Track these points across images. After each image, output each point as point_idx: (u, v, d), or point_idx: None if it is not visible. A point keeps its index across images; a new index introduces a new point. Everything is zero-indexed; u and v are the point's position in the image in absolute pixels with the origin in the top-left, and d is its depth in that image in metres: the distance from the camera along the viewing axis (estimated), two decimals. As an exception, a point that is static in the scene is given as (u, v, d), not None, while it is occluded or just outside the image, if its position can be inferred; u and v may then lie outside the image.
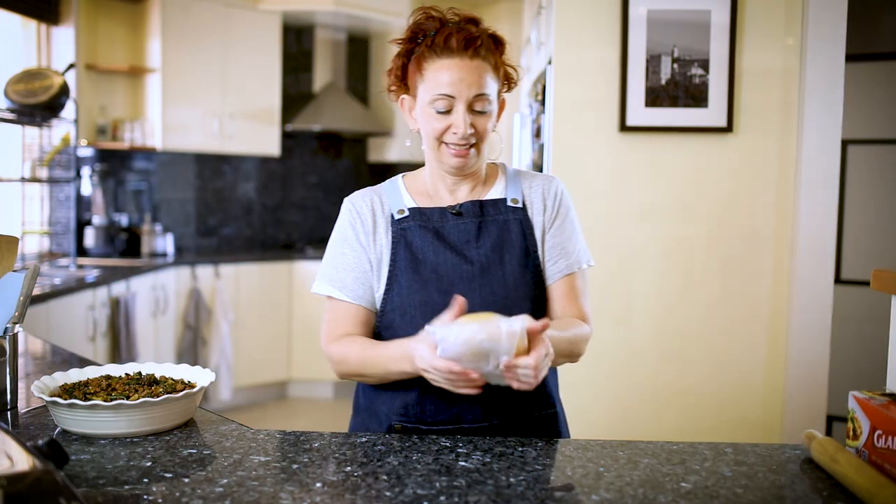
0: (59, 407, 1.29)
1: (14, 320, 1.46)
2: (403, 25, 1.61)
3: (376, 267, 1.49)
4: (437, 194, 1.53)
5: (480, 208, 1.50)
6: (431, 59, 1.42)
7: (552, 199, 1.53)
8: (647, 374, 2.82)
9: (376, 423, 1.50)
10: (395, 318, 1.46)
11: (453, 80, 1.40)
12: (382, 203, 1.52)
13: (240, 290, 5.16)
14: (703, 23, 2.69)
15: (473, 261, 1.45)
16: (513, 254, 1.47)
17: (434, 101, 1.41)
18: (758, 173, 2.78)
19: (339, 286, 1.51)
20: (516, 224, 1.49)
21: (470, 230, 1.48)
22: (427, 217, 1.49)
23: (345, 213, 1.54)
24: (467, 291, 1.41)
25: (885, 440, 1.12)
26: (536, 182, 1.55)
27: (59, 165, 4.58)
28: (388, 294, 1.47)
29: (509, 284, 1.44)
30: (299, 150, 6.05)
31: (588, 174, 2.79)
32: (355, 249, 1.50)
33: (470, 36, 1.40)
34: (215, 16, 5.20)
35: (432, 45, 1.42)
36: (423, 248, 1.46)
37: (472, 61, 1.40)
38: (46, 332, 3.34)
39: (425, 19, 1.46)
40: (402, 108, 1.52)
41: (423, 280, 1.44)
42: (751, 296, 2.80)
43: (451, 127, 1.42)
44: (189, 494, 1.06)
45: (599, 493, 1.09)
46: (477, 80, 1.40)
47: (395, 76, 1.51)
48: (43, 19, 4.51)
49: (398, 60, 1.49)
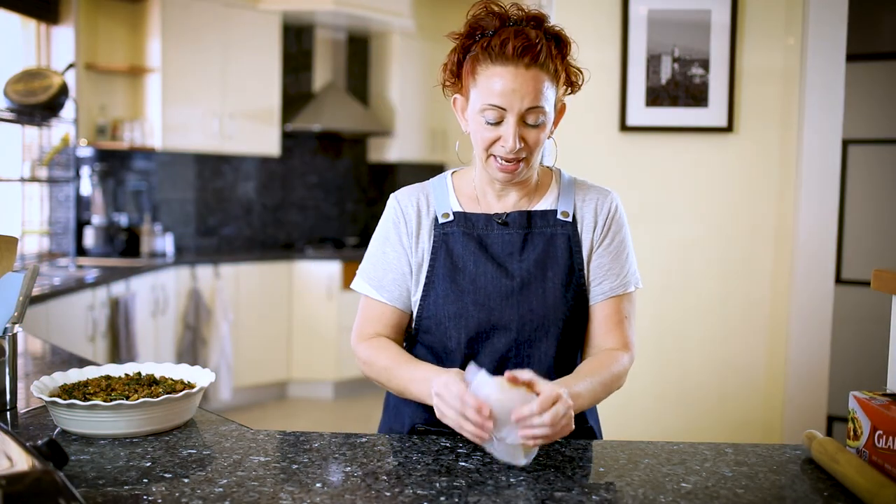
0: (59, 407, 1.29)
1: (14, 320, 1.46)
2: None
3: (416, 270, 1.44)
4: (484, 198, 1.46)
5: (528, 219, 1.43)
6: (485, 63, 1.32)
7: (604, 216, 1.46)
8: (647, 374, 2.82)
9: (399, 423, 1.48)
10: (431, 326, 1.42)
11: (506, 90, 1.30)
12: (429, 203, 1.46)
13: (240, 290, 5.16)
14: (704, 22, 2.69)
15: (514, 275, 1.39)
16: (556, 271, 1.40)
17: (484, 110, 1.33)
18: (758, 173, 2.78)
19: (377, 285, 1.46)
20: (563, 239, 1.42)
21: (515, 242, 1.41)
22: (472, 223, 1.43)
23: (389, 211, 1.48)
24: (504, 307, 1.38)
25: (886, 440, 1.11)
26: (591, 195, 1.47)
27: (58, 165, 4.58)
28: (424, 301, 1.42)
29: (548, 303, 1.39)
30: (299, 150, 6.05)
31: (588, 174, 2.77)
32: (397, 250, 1.45)
33: (528, 43, 1.29)
34: (215, 16, 5.19)
35: (488, 48, 1.31)
36: (463, 257, 1.41)
37: (529, 70, 1.30)
38: (46, 332, 3.34)
39: (485, 14, 1.34)
40: (455, 107, 1.43)
41: (460, 290, 1.39)
42: (751, 296, 2.80)
43: (499, 140, 1.34)
44: (189, 495, 1.06)
45: (599, 494, 1.09)
46: (531, 91, 1.30)
47: (451, 72, 1.41)
48: (42, 19, 4.51)
49: (454, 56, 1.39)
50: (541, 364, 1.39)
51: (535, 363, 1.39)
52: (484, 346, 1.39)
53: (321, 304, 5.38)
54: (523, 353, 1.39)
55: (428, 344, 1.44)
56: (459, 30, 1.38)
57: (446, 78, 1.42)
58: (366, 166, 6.39)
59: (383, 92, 6.16)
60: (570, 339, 1.42)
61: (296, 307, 5.41)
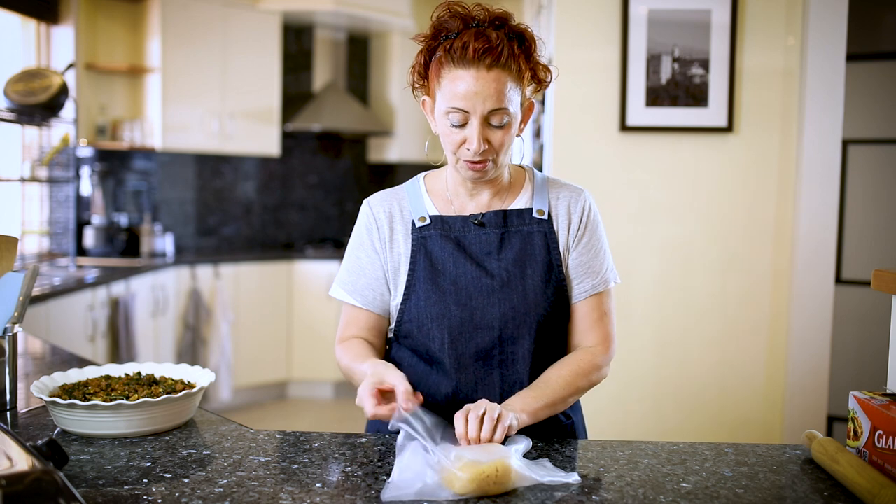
0: (59, 407, 1.29)
1: (13, 320, 1.46)
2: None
3: (392, 275, 1.45)
4: (457, 199, 1.47)
5: (504, 219, 1.44)
6: (448, 65, 1.32)
7: (578, 214, 1.47)
8: (647, 373, 2.82)
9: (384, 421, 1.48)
10: (413, 329, 1.43)
11: (468, 93, 1.30)
12: (402, 208, 1.48)
13: (240, 291, 5.16)
14: (704, 22, 2.69)
15: (494, 274, 1.41)
16: (535, 268, 1.42)
17: (448, 112, 1.34)
18: (758, 173, 2.78)
19: (351, 290, 1.48)
20: (540, 237, 1.44)
21: (492, 241, 1.43)
22: (449, 226, 1.44)
23: (362, 217, 1.50)
24: (486, 305, 1.39)
25: (886, 440, 1.11)
26: (564, 193, 1.48)
27: (58, 165, 4.58)
28: (405, 304, 1.43)
29: (529, 300, 1.40)
30: (299, 149, 6.05)
31: (588, 174, 2.79)
32: (370, 255, 1.47)
33: (489, 45, 1.29)
34: (215, 16, 5.19)
35: (450, 50, 1.32)
36: (443, 259, 1.42)
37: (490, 72, 1.30)
38: (46, 332, 3.34)
39: (448, 17, 1.35)
40: (424, 109, 1.44)
41: (442, 291, 1.40)
42: (751, 295, 2.80)
43: (465, 141, 1.35)
44: (189, 495, 1.06)
45: (599, 494, 1.09)
46: (494, 93, 1.31)
47: (418, 73, 1.42)
48: (42, 19, 4.51)
49: (420, 58, 1.40)
50: (523, 360, 1.41)
51: (518, 360, 1.41)
52: (467, 346, 1.40)
53: (321, 304, 5.38)
54: (507, 351, 1.40)
55: (411, 347, 1.45)
56: (425, 31, 1.39)
57: (415, 80, 1.43)
58: (366, 166, 6.39)
59: (383, 92, 6.16)
60: (551, 334, 1.44)
61: (296, 307, 5.41)
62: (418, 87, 1.44)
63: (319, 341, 5.38)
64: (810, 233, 2.72)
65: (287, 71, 5.81)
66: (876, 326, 2.84)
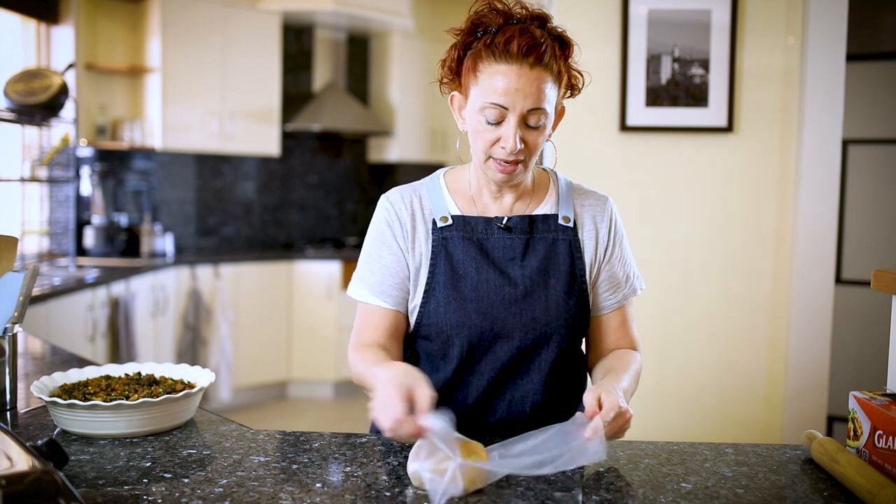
0: (59, 407, 1.29)
1: (13, 320, 1.46)
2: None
3: (414, 275, 1.40)
4: (480, 199, 1.42)
5: (530, 224, 1.40)
6: (488, 60, 1.28)
7: (606, 226, 1.43)
8: (647, 373, 2.81)
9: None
10: (431, 333, 1.38)
11: (509, 89, 1.26)
12: (423, 206, 1.42)
13: (240, 291, 5.16)
14: (704, 22, 2.69)
15: (517, 282, 1.36)
16: (558, 278, 1.38)
17: (485, 108, 1.28)
18: (758, 173, 2.78)
19: (378, 291, 1.40)
20: (565, 245, 1.40)
21: (516, 247, 1.38)
22: (472, 227, 1.39)
23: (381, 213, 1.43)
24: (508, 315, 1.35)
25: (886, 440, 1.11)
26: (589, 201, 1.45)
27: (58, 165, 4.58)
28: (424, 308, 1.38)
29: (551, 311, 1.36)
30: (299, 149, 6.05)
31: (588, 174, 2.78)
32: (395, 252, 1.40)
33: (534, 41, 1.26)
34: (215, 16, 5.19)
35: (491, 45, 1.27)
36: (464, 263, 1.37)
37: (533, 70, 1.26)
38: (46, 332, 3.34)
39: (488, 11, 1.30)
40: (452, 105, 1.39)
41: (463, 298, 1.35)
42: (751, 295, 2.80)
43: (499, 140, 1.29)
44: (189, 495, 1.06)
45: (599, 494, 1.09)
46: (535, 91, 1.26)
47: (449, 69, 1.36)
48: (42, 19, 4.51)
49: (453, 52, 1.34)
50: (539, 371, 1.38)
51: (533, 370, 1.38)
52: (485, 355, 1.37)
53: (321, 304, 5.38)
54: (523, 361, 1.38)
55: (426, 350, 1.42)
56: (460, 25, 1.34)
57: (444, 74, 1.38)
58: (366, 166, 6.39)
59: (383, 92, 6.16)
60: (570, 345, 1.41)
61: (296, 307, 5.41)
62: (447, 83, 1.39)
63: (319, 341, 5.39)
64: (810, 233, 2.72)
65: (287, 71, 5.81)
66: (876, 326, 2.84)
